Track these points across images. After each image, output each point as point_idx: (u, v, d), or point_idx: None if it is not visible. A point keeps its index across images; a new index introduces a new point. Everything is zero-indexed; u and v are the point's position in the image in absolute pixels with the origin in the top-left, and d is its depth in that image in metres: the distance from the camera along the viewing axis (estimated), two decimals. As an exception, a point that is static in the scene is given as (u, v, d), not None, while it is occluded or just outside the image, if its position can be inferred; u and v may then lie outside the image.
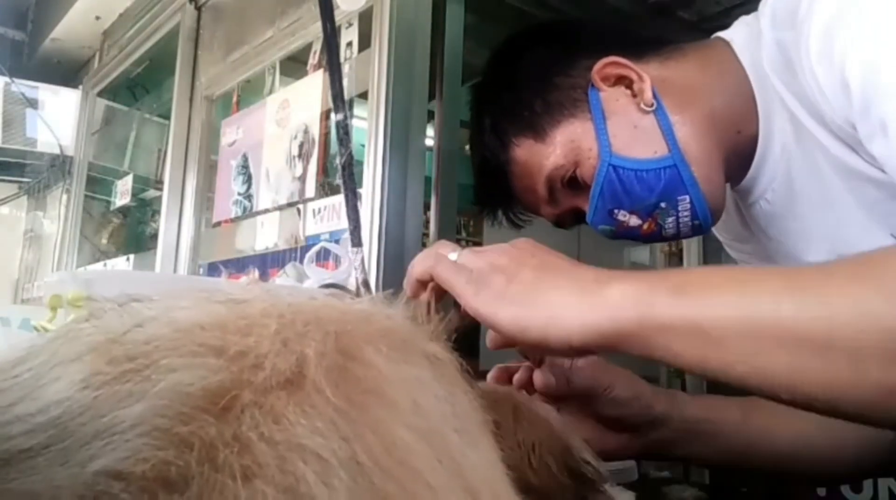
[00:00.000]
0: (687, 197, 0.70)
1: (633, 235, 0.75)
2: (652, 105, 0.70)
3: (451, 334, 0.43)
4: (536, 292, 0.48)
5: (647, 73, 0.71)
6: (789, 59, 0.65)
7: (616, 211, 0.72)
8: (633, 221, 0.73)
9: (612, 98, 0.72)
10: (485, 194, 0.83)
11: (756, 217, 0.78)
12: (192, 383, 0.26)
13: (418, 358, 0.37)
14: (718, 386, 0.48)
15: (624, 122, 0.71)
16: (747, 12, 0.73)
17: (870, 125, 0.56)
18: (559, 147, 0.72)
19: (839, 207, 0.67)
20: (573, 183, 0.73)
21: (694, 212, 0.71)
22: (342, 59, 1.53)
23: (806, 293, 0.41)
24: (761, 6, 0.71)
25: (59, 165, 3.08)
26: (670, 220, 0.72)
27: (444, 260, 0.53)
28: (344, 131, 1.06)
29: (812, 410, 0.43)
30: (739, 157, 0.73)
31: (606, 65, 0.72)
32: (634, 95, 0.71)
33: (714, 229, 0.91)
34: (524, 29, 0.83)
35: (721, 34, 0.76)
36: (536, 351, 0.61)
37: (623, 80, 0.72)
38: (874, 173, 0.61)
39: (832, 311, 0.40)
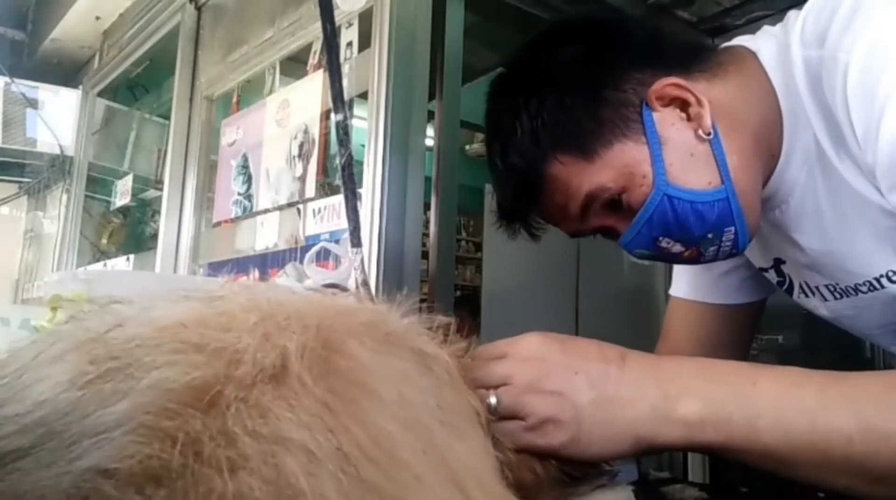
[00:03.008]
0: (733, 228, 0.68)
1: (670, 259, 0.72)
2: (710, 134, 0.66)
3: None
4: (612, 421, 0.52)
5: (703, 97, 0.67)
6: (816, 79, 0.63)
7: (661, 238, 0.69)
8: (676, 248, 0.70)
9: (668, 121, 0.67)
10: (512, 203, 0.75)
11: (762, 227, 0.76)
12: (175, 379, 0.27)
13: (403, 352, 0.38)
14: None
15: (680, 149, 0.66)
16: (747, 12, 0.72)
17: (892, 179, 0.58)
18: (610, 170, 0.67)
19: (850, 225, 0.67)
20: (613, 204, 0.69)
21: (736, 242, 0.69)
22: (342, 59, 1.53)
23: (873, 431, 0.48)
24: (791, 20, 0.68)
25: (59, 165, 3.09)
26: (712, 248, 0.70)
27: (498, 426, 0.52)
28: (344, 132, 1.05)
29: None
30: (765, 175, 0.71)
31: (666, 86, 0.67)
32: (690, 119, 0.67)
33: None
34: (560, 25, 0.77)
35: (746, 44, 0.72)
36: None
37: (676, 101, 0.67)
38: (885, 204, 0.62)
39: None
